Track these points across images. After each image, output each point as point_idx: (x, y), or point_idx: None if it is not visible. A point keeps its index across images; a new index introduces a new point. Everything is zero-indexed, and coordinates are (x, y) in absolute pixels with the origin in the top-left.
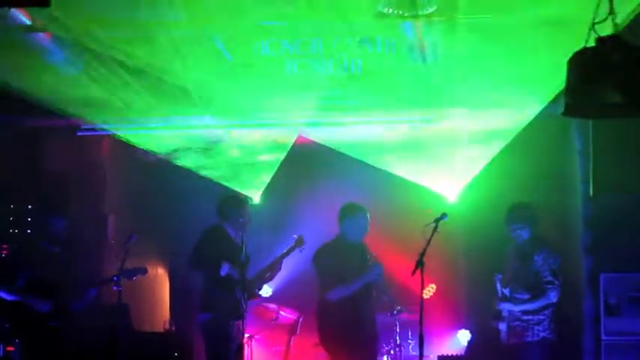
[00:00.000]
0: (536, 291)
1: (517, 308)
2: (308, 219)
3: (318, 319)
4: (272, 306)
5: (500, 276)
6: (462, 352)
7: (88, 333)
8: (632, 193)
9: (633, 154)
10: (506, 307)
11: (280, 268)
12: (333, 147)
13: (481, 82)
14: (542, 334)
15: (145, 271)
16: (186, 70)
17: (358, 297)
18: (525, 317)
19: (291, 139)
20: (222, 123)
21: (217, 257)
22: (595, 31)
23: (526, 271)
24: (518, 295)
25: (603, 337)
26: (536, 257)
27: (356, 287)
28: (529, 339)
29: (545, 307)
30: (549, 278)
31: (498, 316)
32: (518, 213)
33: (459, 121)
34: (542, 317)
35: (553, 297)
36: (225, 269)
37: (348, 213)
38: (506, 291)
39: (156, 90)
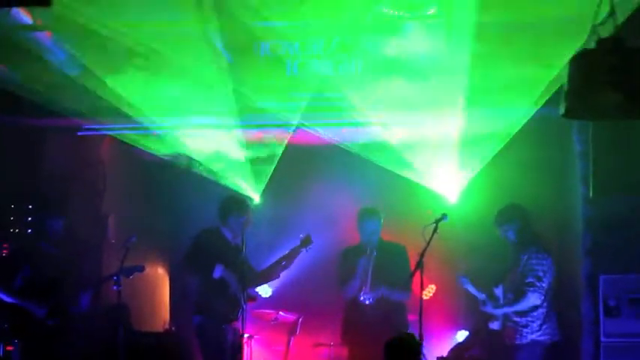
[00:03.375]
0: (518, 293)
1: (497, 311)
2: (308, 218)
3: None
4: (270, 311)
5: (464, 278)
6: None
7: (87, 333)
8: (633, 195)
9: (634, 156)
10: (487, 310)
11: (286, 268)
12: (333, 146)
13: (481, 82)
14: (530, 337)
15: (142, 269)
16: (185, 68)
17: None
18: (515, 319)
19: (290, 138)
20: (222, 122)
21: (211, 260)
22: (596, 33)
23: (514, 272)
24: (507, 297)
25: (602, 339)
26: (521, 257)
27: (348, 284)
28: (517, 341)
29: (531, 309)
30: (530, 280)
31: (491, 316)
32: (503, 214)
33: (459, 122)
34: (529, 319)
35: (533, 299)
36: (219, 271)
37: (357, 218)
38: (499, 291)
39: (154, 88)
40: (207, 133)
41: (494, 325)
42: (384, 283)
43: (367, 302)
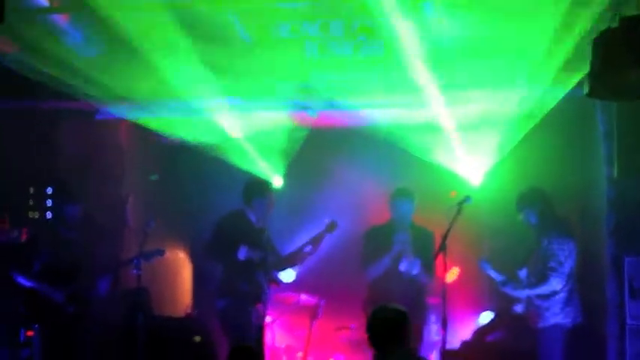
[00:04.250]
0: (540, 276)
1: (517, 293)
2: (330, 202)
3: None
4: (292, 294)
5: (485, 263)
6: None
7: (107, 318)
8: None
9: None
10: (507, 291)
11: (312, 254)
12: (355, 129)
13: (505, 63)
14: (552, 321)
15: (162, 253)
16: (204, 51)
17: (389, 273)
18: (537, 302)
19: (312, 121)
20: (242, 105)
21: (235, 242)
22: (619, 12)
23: (536, 255)
24: (529, 279)
25: (628, 321)
26: (543, 241)
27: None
28: (540, 325)
29: (553, 293)
30: (551, 264)
31: (515, 299)
32: (524, 198)
33: (483, 104)
34: (551, 303)
35: (555, 284)
36: (243, 252)
37: (391, 197)
38: (523, 273)
39: (172, 70)
40: (227, 115)
41: (518, 308)
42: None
43: (414, 272)
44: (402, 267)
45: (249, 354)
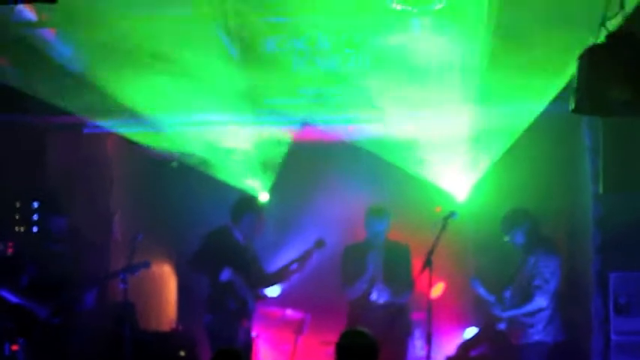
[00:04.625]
0: (525, 295)
1: (505, 314)
2: (316, 217)
3: None
4: (277, 309)
5: (476, 281)
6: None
7: (93, 332)
8: None
9: None
10: (495, 312)
11: (298, 271)
12: (341, 143)
13: (489, 78)
14: (536, 338)
15: (148, 265)
16: (192, 65)
17: (360, 301)
18: (521, 320)
19: (296, 135)
20: (229, 120)
21: (219, 262)
22: (605, 28)
23: (522, 275)
24: (514, 299)
25: (613, 336)
26: (529, 260)
27: (356, 285)
28: (523, 341)
29: (538, 311)
30: (537, 282)
31: (497, 318)
32: (508, 220)
33: (468, 118)
34: (535, 320)
35: (541, 302)
36: (226, 275)
37: (366, 216)
38: (508, 293)
39: (159, 85)
40: (214, 130)
41: (502, 326)
42: (392, 283)
43: (381, 301)
44: (372, 297)
45: (234, 357)
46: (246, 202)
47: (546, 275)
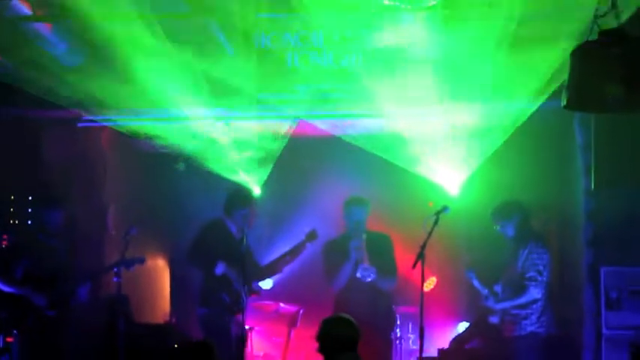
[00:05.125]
0: (518, 288)
1: (498, 306)
2: (309, 210)
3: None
4: (270, 302)
5: (472, 273)
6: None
7: (87, 325)
8: (634, 187)
9: (636, 148)
10: (489, 305)
11: (290, 262)
12: (335, 138)
13: (482, 74)
14: (529, 329)
15: (143, 261)
16: (186, 61)
17: (346, 285)
18: (514, 312)
19: (290, 130)
20: (223, 114)
21: (214, 255)
22: (597, 25)
23: (513, 267)
24: (506, 291)
25: (604, 330)
26: (520, 252)
27: (340, 273)
28: (516, 333)
29: (531, 302)
30: (531, 274)
31: (490, 310)
32: (501, 210)
33: (461, 114)
34: (529, 312)
35: (535, 293)
36: (220, 268)
37: (344, 206)
38: (498, 288)
39: (154, 79)
40: (208, 124)
41: (494, 319)
42: (376, 265)
43: (368, 279)
44: (358, 273)
45: (203, 349)
46: (239, 194)
47: (540, 267)
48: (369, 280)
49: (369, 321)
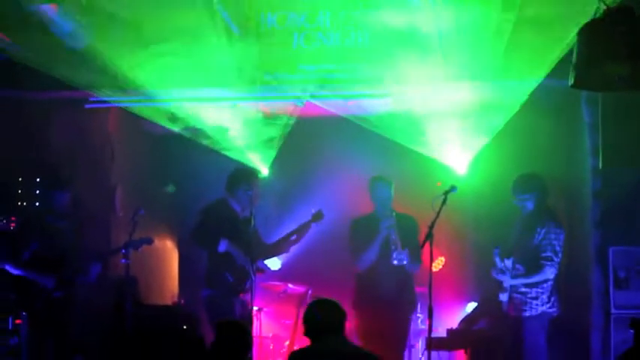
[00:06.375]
0: (533, 265)
1: (512, 281)
2: (317, 191)
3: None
4: (279, 283)
5: (498, 250)
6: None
7: (95, 306)
8: None
9: None
10: (502, 279)
11: (297, 242)
12: (342, 119)
13: (488, 52)
14: (540, 309)
15: (150, 241)
16: (192, 41)
17: (375, 262)
18: (524, 290)
19: (298, 110)
20: (230, 95)
21: (217, 234)
22: (604, 2)
23: (527, 243)
24: (518, 267)
25: (612, 310)
26: (538, 230)
27: (368, 250)
28: (527, 313)
29: (543, 282)
30: (547, 254)
31: (500, 287)
32: (523, 183)
33: (468, 93)
34: (540, 291)
35: (549, 273)
36: (223, 246)
37: (369, 186)
38: (509, 262)
39: (160, 60)
40: (215, 105)
41: (503, 297)
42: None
43: (404, 262)
44: (394, 260)
45: (237, 328)
46: (240, 172)
47: (557, 247)
48: (405, 263)
49: (396, 301)
